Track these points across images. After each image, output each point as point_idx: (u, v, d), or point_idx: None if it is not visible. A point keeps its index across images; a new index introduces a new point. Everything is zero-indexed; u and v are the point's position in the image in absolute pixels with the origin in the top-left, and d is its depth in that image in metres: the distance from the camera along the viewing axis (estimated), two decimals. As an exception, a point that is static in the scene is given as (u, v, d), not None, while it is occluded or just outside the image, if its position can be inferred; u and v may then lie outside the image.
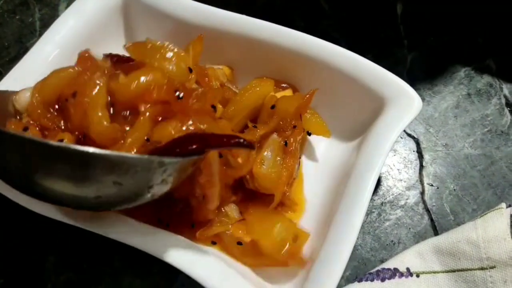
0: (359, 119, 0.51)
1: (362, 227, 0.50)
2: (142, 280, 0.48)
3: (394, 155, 0.55)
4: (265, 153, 0.47)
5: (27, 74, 0.50)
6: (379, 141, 0.45)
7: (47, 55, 0.52)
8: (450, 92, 0.59)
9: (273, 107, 0.48)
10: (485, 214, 0.46)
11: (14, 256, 0.49)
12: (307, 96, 0.50)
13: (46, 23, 0.67)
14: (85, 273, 0.48)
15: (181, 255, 0.40)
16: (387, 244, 0.49)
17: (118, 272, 0.48)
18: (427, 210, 0.51)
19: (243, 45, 0.53)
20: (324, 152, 0.54)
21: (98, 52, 0.50)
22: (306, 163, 0.54)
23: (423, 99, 0.57)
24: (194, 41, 0.48)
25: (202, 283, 0.39)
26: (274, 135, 0.48)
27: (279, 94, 0.51)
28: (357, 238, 0.49)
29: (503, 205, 0.46)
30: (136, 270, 0.48)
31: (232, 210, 0.47)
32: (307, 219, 0.49)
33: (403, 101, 0.47)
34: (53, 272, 0.48)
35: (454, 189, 0.52)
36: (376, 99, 0.48)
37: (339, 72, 0.50)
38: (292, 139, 0.48)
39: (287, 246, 0.43)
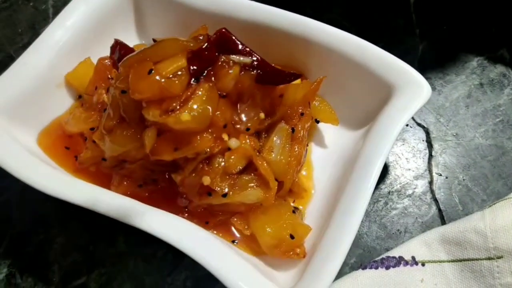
0: (368, 106, 0.50)
1: (369, 215, 0.50)
2: (146, 263, 0.48)
3: (403, 144, 0.54)
4: (274, 140, 0.47)
5: (37, 58, 0.51)
6: (386, 128, 0.44)
7: (57, 40, 0.53)
8: (462, 82, 0.58)
9: (281, 95, 0.48)
10: (494, 204, 0.46)
11: (22, 238, 0.50)
12: (315, 83, 0.49)
13: (59, 10, 0.66)
14: (91, 255, 0.49)
15: (189, 241, 0.40)
16: (393, 233, 0.49)
17: (123, 255, 0.49)
18: (435, 200, 0.51)
19: (252, 31, 0.53)
20: (333, 139, 0.53)
21: (109, 38, 0.51)
22: (315, 150, 0.53)
23: (434, 89, 0.57)
24: (198, 30, 0.48)
25: (205, 265, 0.39)
26: (282, 123, 0.48)
27: (287, 81, 0.51)
28: (363, 227, 0.49)
29: (513, 195, 0.45)
30: (140, 254, 0.48)
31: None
32: (314, 205, 0.49)
33: (412, 88, 0.46)
34: (60, 253, 0.49)
35: (464, 179, 0.51)
36: (385, 86, 0.48)
37: (348, 59, 0.49)
38: (299, 126, 0.48)
39: (283, 243, 0.43)
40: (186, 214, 0.47)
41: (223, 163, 0.44)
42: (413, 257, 0.45)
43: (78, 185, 0.44)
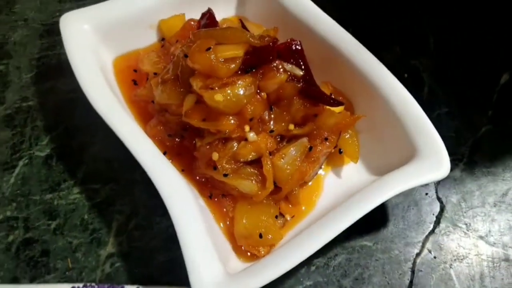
0: (391, 158, 0.52)
1: (345, 253, 0.52)
2: (147, 198, 0.56)
3: (413, 209, 0.55)
4: (290, 150, 0.50)
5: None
6: (384, 187, 0.46)
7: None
8: (504, 179, 0.56)
9: (315, 115, 0.51)
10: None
11: (72, 133, 0.60)
12: (351, 118, 0.52)
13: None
14: (113, 170, 0.58)
15: (176, 199, 0.46)
16: (357, 279, 0.51)
17: (135, 183, 0.57)
18: (412, 272, 0.52)
19: (325, 48, 0.56)
20: (350, 173, 0.56)
21: (207, 4, 0.57)
22: (331, 177, 0.56)
23: (473, 174, 0.56)
24: (269, 30, 0.52)
25: (175, 226, 0.45)
26: (305, 139, 0.51)
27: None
28: (335, 260, 0.52)
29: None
30: (147, 188, 0.56)
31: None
32: (307, 222, 0.53)
33: (433, 162, 0.47)
34: (91, 158, 0.59)
35: (450, 268, 0.52)
36: (411, 148, 0.49)
37: (392, 110, 0.51)
38: (318, 148, 0.52)
39: (252, 238, 0.48)
40: (193, 176, 0.53)
41: (235, 149, 0.49)
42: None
43: (121, 116, 0.51)
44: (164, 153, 0.53)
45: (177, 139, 0.55)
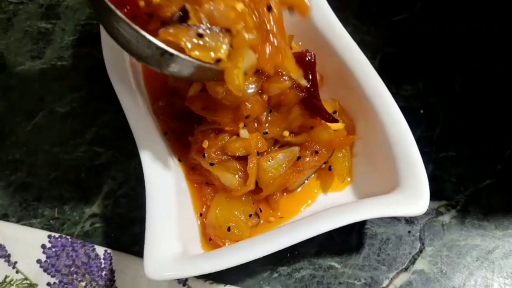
0: (379, 185, 0.51)
1: (310, 267, 0.52)
2: (140, 170, 0.58)
3: (392, 243, 0.54)
4: (278, 154, 0.52)
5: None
6: (356, 208, 0.46)
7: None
8: (494, 236, 0.54)
9: (312, 127, 0.52)
10: None
11: (86, 99, 0.65)
12: (346, 138, 0.52)
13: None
14: (118, 137, 0.61)
15: (157, 180, 0.49)
16: (314, 296, 0.51)
17: (132, 155, 0.59)
18: (373, 305, 0.51)
19: (340, 68, 0.56)
20: (339, 193, 0.55)
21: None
22: (319, 192, 0.56)
23: (463, 223, 0.55)
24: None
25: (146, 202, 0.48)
26: (295, 148, 0.52)
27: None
28: (299, 272, 0.52)
29: None
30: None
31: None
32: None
33: (412, 198, 0.46)
34: (103, 123, 0.63)
35: (413, 310, 0.50)
36: (397, 181, 0.49)
37: (387, 139, 0.51)
38: (307, 159, 0.52)
39: (219, 230, 0.50)
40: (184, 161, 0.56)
41: (225, 141, 0.51)
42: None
43: (130, 88, 0.55)
44: (165, 133, 0.56)
45: (180, 123, 0.57)
